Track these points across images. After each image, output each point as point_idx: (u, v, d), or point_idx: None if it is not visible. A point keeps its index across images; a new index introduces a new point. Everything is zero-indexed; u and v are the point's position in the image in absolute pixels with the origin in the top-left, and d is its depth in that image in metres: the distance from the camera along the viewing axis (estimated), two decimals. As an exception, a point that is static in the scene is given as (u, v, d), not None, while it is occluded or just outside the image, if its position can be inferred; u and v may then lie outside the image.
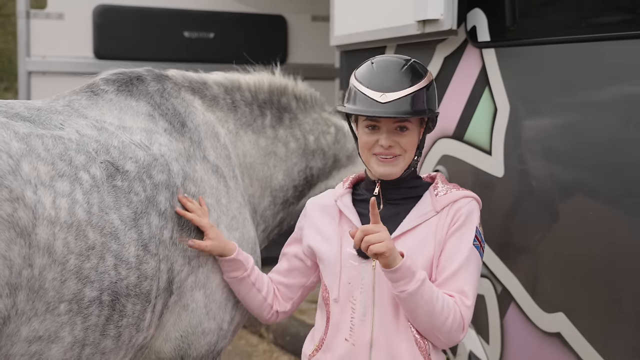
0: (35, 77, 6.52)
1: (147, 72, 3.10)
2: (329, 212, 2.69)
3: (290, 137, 3.45)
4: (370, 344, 2.53)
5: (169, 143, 2.90)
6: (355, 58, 4.50)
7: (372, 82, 2.52)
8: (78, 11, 6.61)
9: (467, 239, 2.51)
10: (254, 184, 3.33)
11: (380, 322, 2.52)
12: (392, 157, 2.52)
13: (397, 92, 2.47)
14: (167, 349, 2.86)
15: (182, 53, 6.85)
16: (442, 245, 2.51)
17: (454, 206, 2.53)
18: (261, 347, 6.13)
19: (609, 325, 3.01)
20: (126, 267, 2.58)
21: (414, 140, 2.54)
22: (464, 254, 2.49)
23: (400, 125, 2.51)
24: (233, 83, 3.39)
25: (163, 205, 2.74)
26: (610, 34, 3.02)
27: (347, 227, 2.61)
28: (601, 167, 3.02)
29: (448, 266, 2.49)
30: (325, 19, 6.32)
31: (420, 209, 2.55)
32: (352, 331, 2.55)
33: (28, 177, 2.39)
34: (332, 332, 2.60)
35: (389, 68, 2.55)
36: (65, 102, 2.86)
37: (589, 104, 3.09)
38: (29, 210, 2.34)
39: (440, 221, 2.52)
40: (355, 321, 2.55)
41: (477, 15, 3.52)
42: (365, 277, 2.54)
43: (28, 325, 2.37)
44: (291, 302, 2.87)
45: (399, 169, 2.54)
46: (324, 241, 2.66)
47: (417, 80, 2.51)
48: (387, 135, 2.51)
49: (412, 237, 2.52)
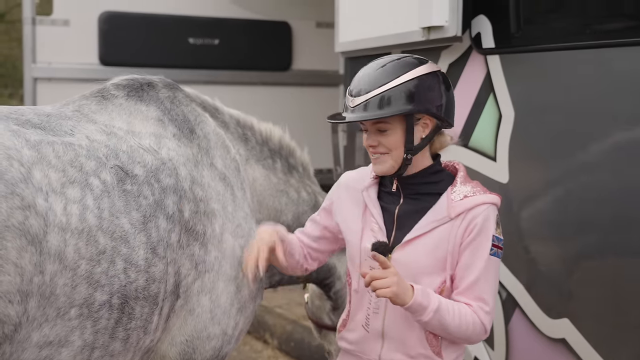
0: (41, 83, 6.54)
1: (159, 79, 3.12)
2: (356, 199, 2.71)
3: (302, 187, 3.50)
4: (382, 335, 2.63)
5: (177, 148, 2.91)
6: (360, 64, 4.50)
7: (352, 86, 2.57)
8: (84, 18, 6.64)
9: (484, 248, 2.53)
10: (263, 212, 3.32)
11: (391, 316, 2.60)
12: (379, 155, 2.56)
13: (365, 94, 2.50)
14: (172, 353, 2.87)
15: (187, 59, 6.88)
16: (455, 253, 2.53)
17: (468, 215, 2.53)
18: (265, 353, 6.13)
19: (614, 331, 3.01)
20: (135, 270, 2.60)
21: (397, 139, 2.53)
22: (481, 264, 2.52)
23: (377, 127, 2.53)
24: (246, 120, 3.40)
25: (171, 209, 2.75)
26: (614, 40, 3.02)
27: (370, 220, 2.64)
28: (606, 172, 3.02)
29: (466, 276, 2.52)
30: (329, 25, 6.34)
31: (435, 213, 2.56)
32: (367, 320, 2.66)
33: (39, 185, 2.40)
34: (353, 316, 2.73)
35: (368, 69, 2.57)
36: (75, 107, 2.87)
37: (593, 110, 3.09)
38: (40, 218, 2.35)
39: (453, 229, 2.53)
40: (370, 312, 2.65)
41: (481, 21, 3.52)
42: None
43: (39, 331, 2.39)
44: (318, 262, 2.96)
45: (389, 166, 2.56)
46: (348, 228, 2.72)
47: (390, 78, 2.49)
48: (369, 136, 2.57)
49: (426, 240, 2.55)
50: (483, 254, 2.52)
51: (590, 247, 3.10)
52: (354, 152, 4.43)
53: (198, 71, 6.83)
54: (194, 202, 2.86)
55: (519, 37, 3.45)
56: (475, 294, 2.52)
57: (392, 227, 2.62)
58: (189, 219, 2.83)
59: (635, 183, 2.91)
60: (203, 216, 2.88)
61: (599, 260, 3.06)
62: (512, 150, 3.39)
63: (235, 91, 4.65)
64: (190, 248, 2.80)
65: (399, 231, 2.60)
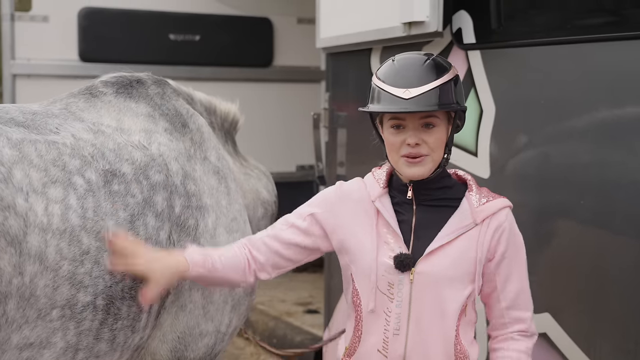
0: (20, 80, 6.48)
1: (147, 76, 3.09)
2: (364, 210, 2.53)
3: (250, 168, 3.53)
4: (403, 359, 2.46)
5: (169, 142, 2.88)
6: (341, 60, 4.51)
7: (394, 79, 2.42)
8: (63, 14, 6.57)
9: (520, 256, 2.51)
10: (247, 196, 3.33)
11: (414, 336, 2.45)
12: (420, 157, 2.41)
13: (421, 86, 2.37)
14: (163, 350, 2.83)
15: (168, 55, 6.84)
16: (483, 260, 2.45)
17: (493, 219, 2.46)
18: (248, 350, 6.12)
19: (594, 325, 3.02)
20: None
21: (442, 138, 2.43)
22: (522, 272, 2.52)
23: (426, 122, 2.40)
24: (210, 105, 3.40)
25: (160, 206, 2.72)
26: (594, 35, 3.03)
27: (384, 231, 2.48)
28: (587, 167, 3.03)
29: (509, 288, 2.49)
30: (311, 21, 6.32)
31: (460, 219, 2.45)
32: (385, 343, 2.46)
33: (20, 185, 2.36)
34: (365, 341, 2.51)
35: (411, 64, 2.45)
36: (63, 105, 2.83)
37: (573, 105, 3.10)
38: (20, 219, 2.32)
39: (480, 235, 2.44)
40: (389, 334, 2.46)
41: (462, 17, 3.52)
42: (402, 290, 2.44)
43: (19, 333, 2.35)
44: (277, 271, 2.65)
45: (427, 170, 2.43)
46: (359, 244, 2.50)
47: (442, 73, 2.41)
48: (413, 133, 2.40)
49: (451, 248, 2.44)
50: (520, 261, 2.51)
51: (571, 241, 3.11)
52: (336, 148, 4.43)
53: (179, 67, 6.78)
54: (186, 197, 2.82)
55: (499, 33, 3.45)
56: (523, 301, 2.51)
57: (409, 238, 2.46)
58: (180, 214, 2.79)
59: (615, 176, 2.93)
60: (195, 211, 2.84)
61: (580, 254, 3.07)
62: (493, 146, 3.40)
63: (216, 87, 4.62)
64: (181, 244, 2.76)
65: (418, 241, 2.45)
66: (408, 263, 2.42)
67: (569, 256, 3.11)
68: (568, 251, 3.12)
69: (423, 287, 2.43)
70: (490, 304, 2.54)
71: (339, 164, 4.40)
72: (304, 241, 2.60)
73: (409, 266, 2.42)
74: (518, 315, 2.51)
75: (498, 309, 2.52)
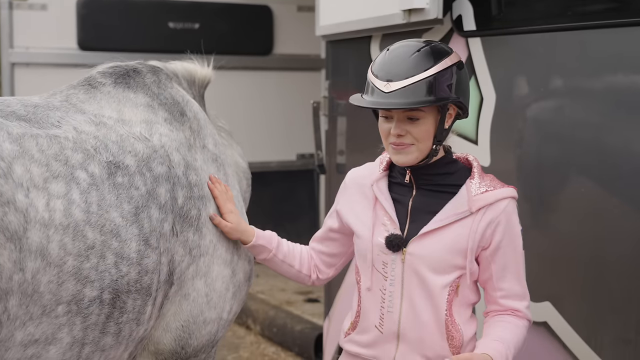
0: (18, 68, 6.47)
1: (142, 64, 3.07)
2: (365, 194, 2.63)
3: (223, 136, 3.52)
4: (397, 335, 2.55)
5: (170, 133, 2.87)
6: (341, 48, 4.49)
7: (381, 71, 2.43)
8: (61, 2, 6.56)
9: (516, 246, 2.52)
10: (239, 173, 3.35)
11: (407, 314, 2.53)
12: (404, 145, 2.44)
13: (404, 80, 2.37)
14: (167, 339, 2.82)
15: (167, 44, 6.80)
16: (475, 249, 2.47)
17: (489, 210, 2.47)
18: (248, 339, 6.13)
19: (595, 314, 3.02)
20: (127, 264, 2.54)
21: (428, 129, 2.43)
22: (517, 261, 2.53)
23: (409, 115, 2.41)
24: (190, 77, 3.36)
25: (163, 198, 2.70)
26: (595, 22, 3.01)
27: (381, 214, 2.57)
28: (588, 154, 3.02)
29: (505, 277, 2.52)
30: (311, 9, 6.30)
31: (455, 206, 2.48)
32: (381, 320, 2.57)
33: (20, 180, 2.33)
34: (364, 317, 2.63)
35: (400, 54, 2.43)
36: (63, 97, 2.81)
37: (574, 92, 3.09)
38: (20, 214, 2.30)
39: (474, 224, 2.46)
40: (384, 311, 2.56)
41: (462, 4, 3.50)
42: (394, 270, 2.53)
43: (23, 330, 2.33)
44: (333, 268, 2.88)
45: (413, 158, 2.46)
46: (359, 224, 2.62)
47: (434, 63, 2.38)
48: (397, 124, 2.43)
49: (444, 233, 2.48)
50: (516, 252, 2.51)
51: (571, 229, 3.10)
52: (336, 136, 4.41)
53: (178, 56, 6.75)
54: (188, 188, 2.82)
55: (500, 20, 3.43)
56: (518, 291, 2.53)
57: (405, 220, 2.53)
58: (183, 204, 2.78)
59: (616, 164, 2.91)
60: (198, 200, 2.84)
61: (581, 242, 3.06)
62: (494, 133, 3.39)
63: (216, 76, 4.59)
64: (184, 234, 2.76)
65: (413, 224, 2.52)
66: (397, 243, 2.50)
67: (570, 244, 3.10)
68: (568, 239, 3.11)
69: (413, 267, 2.50)
70: (486, 290, 2.59)
71: (339, 152, 4.39)
72: (330, 235, 2.82)
73: (398, 246, 2.49)
74: (513, 305, 2.54)
75: (493, 297, 2.56)
